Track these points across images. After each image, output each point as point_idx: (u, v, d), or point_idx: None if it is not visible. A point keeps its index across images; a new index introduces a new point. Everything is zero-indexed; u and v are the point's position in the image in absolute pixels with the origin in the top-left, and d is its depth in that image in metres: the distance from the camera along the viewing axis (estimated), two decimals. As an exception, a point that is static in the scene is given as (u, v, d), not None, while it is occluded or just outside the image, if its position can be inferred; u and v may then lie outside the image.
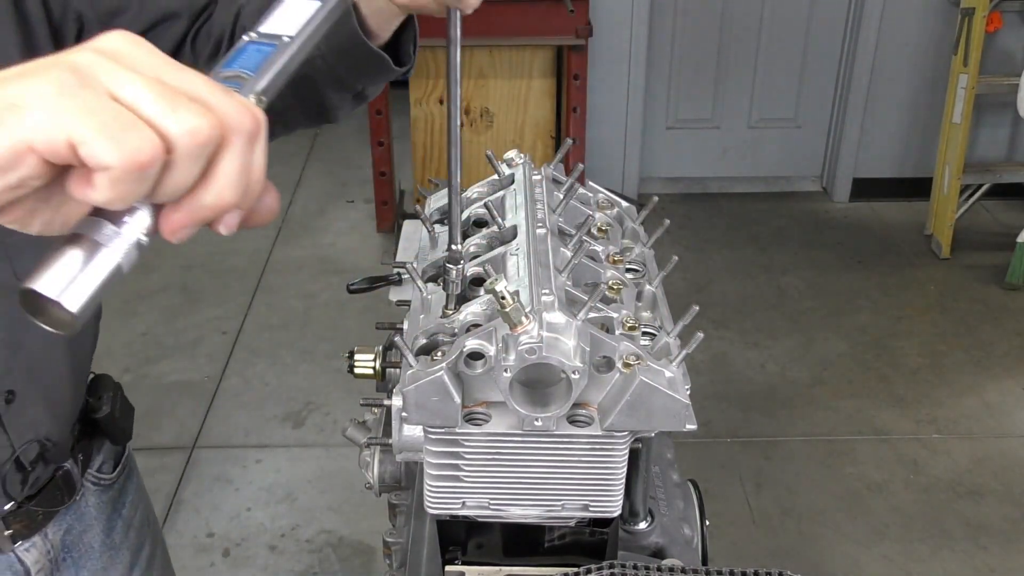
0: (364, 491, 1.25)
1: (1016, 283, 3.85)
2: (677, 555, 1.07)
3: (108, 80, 0.48)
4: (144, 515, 1.27)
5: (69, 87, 0.47)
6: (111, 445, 1.18)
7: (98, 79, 0.47)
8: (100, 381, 1.16)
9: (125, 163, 0.46)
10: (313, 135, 5.24)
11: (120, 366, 3.33)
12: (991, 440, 3.08)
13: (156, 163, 0.47)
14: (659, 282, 1.02)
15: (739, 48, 4.47)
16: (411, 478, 1.20)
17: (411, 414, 0.86)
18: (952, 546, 2.67)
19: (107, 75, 0.48)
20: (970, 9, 3.87)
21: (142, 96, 0.48)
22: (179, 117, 0.48)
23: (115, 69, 0.48)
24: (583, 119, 3.90)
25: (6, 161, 0.46)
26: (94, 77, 0.47)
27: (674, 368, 0.87)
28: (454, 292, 0.94)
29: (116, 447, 1.20)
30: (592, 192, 1.16)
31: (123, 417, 1.17)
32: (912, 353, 3.50)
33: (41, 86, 0.47)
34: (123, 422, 1.17)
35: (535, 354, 0.82)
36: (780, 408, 3.22)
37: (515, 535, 0.99)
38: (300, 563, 2.62)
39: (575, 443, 0.89)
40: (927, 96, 4.41)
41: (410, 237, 1.49)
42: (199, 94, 0.49)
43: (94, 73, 0.48)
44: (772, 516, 2.77)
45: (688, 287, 3.83)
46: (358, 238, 4.28)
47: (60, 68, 0.47)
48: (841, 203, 4.59)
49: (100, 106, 0.47)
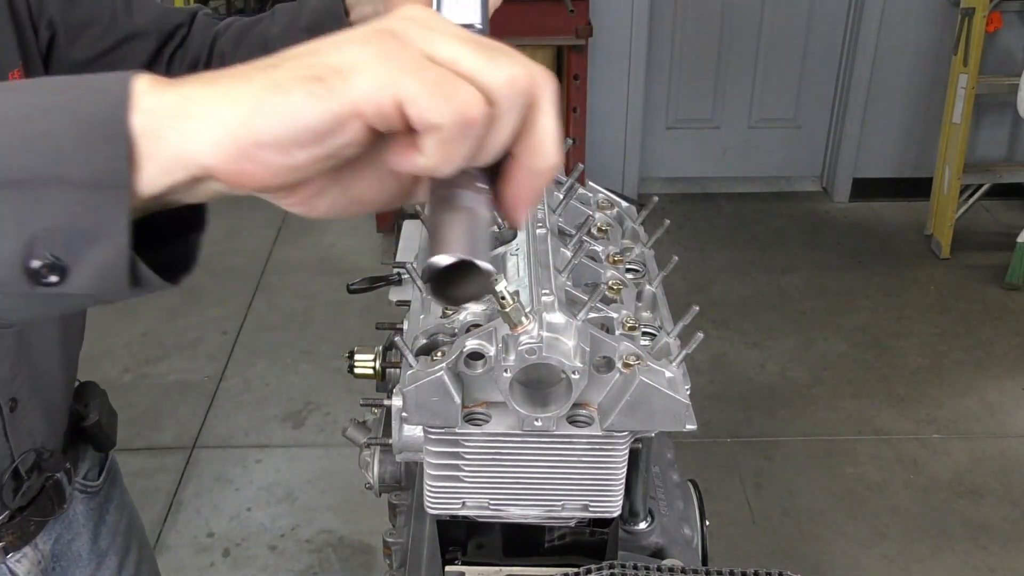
0: (364, 491, 1.25)
1: (1016, 283, 3.85)
2: (677, 555, 1.07)
3: (423, 42, 0.47)
4: (129, 519, 1.28)
5: (390, 50, 0.46)
6: (95, 452, 1.18)
7: (414, 42, 0.47)
8: (86, 388, 1.16)
9: (456, 120, 0.46)
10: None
11: (120, 366, 3.33)
12: (991, 440, 3.08)
13: (484, 118, 0.47)
14: (659, 282, 1.02)
15: (739, 48, 4.47)
16: (411, 478, 1.20)
17: (411, 414, 0.86)
18: (952, 546, 2.67)
19: (421, 38, 0.47)
20: (970, 9, 3.87)
21: (459, 53, 0.47)
22: (497, 69, 0.47)
23: (427, 32, 0.48)
24: (583, 119, 3.90)
25: (331, 126, 0.45)
26: (410, 40, 0.47)
27: (674, 368, 0.87)
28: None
29: (100, 454, 1.20)
30: (592, 192, 1.16)
31: (109, 424, 1.17)
32: (912, 353, 3.50)
33: (363, 51, 0.46)
34: (108, 429, 1.17)
35: (535, 354, 0.82)
36: (780, 408, 3.22)
37: (515, 535, 0.99)
38: (300, 563, 2.62)
39: (575, 443, 0.89)
40: (927, 96, 4.41)
41: (410, 237, 1.49)
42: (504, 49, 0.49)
43: (409, 36, 0.47)
44: (772, 516, 2.77)
45: (688, 287, 3.83)
46: (358, 238, 4.28)
47: (378, 34, 0.47)
48: (841, 203, 4.59)
49: (422, 66, 0.46)
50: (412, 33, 0.47)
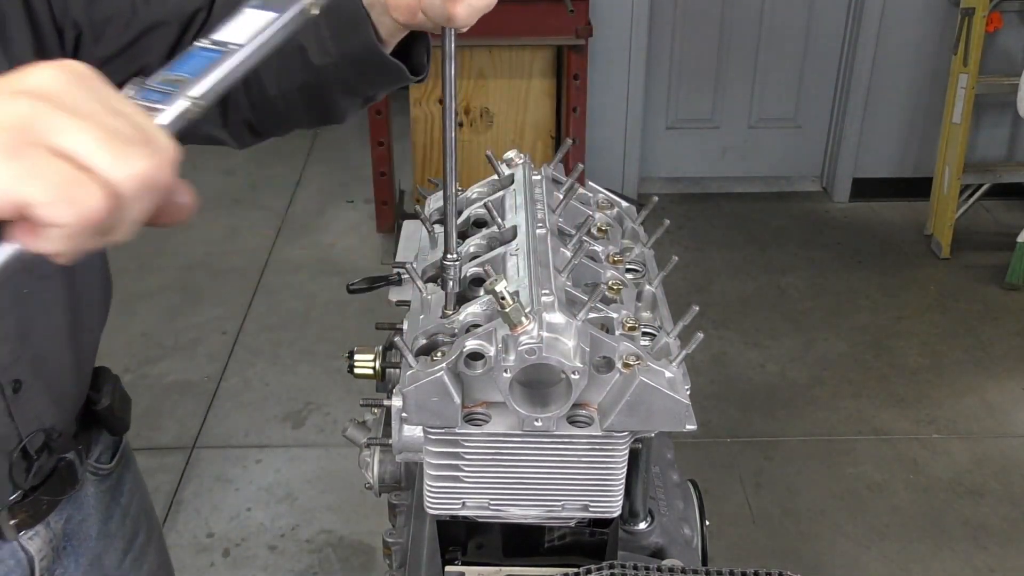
0: (364, 491, 1.25)
1: (1016, 283, 3.85)
2: (677, 555, 1.07)
3: (48, 132, 0.48)
4: (140, 505, 1.29)
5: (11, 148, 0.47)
6: (109, 436, 1.20)
7: (38, 133, 0.48)
8: (100, 373, 1.17)
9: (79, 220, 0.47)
10: (313, 135, 5.24)
11: (120, 366, 3.31)
12: (991, 440, 3.08)
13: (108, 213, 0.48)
14: (659, 282, 1.02)
15: (739, 48, 4.47)
16: (411, 478, 1.20)
17: (411, 414, 0.86)
18: (952, 546, 2.67)
19: (46, 126, 0.48)
20: (970, 9, 3.87)
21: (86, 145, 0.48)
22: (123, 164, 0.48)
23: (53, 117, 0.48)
24: (583, 119, 3.89)
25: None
26: (34, 131, 0.47)
27: (674, 368, 0.88)
28: (453, 292, 0.94)
29: (114, 438, 1.22)
30: (592, 192, 1.16)
31: (122, 409, 1.19)
32: (912, 353, 3.50)
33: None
34: (122, 413, 1.19)
35: (535, 354, 0.83)
36: (780, 408, 3.22)
37: (515, 535, 0.99)
38: (300, 563, 2.62)
39: (575, 443, 0.89)
40: (927, 96, 4.41)
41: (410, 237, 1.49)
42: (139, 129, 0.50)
43: (34, 126, 0.48)
44: (772, 516, 2.77)
45: (688, 287, 3.83)
46: (358, 238, 4.28)
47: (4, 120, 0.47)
48: (841, 203, 4.59)
49: (45, 166, 0.47)
50: (38, 120, 0.48)
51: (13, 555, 1.06)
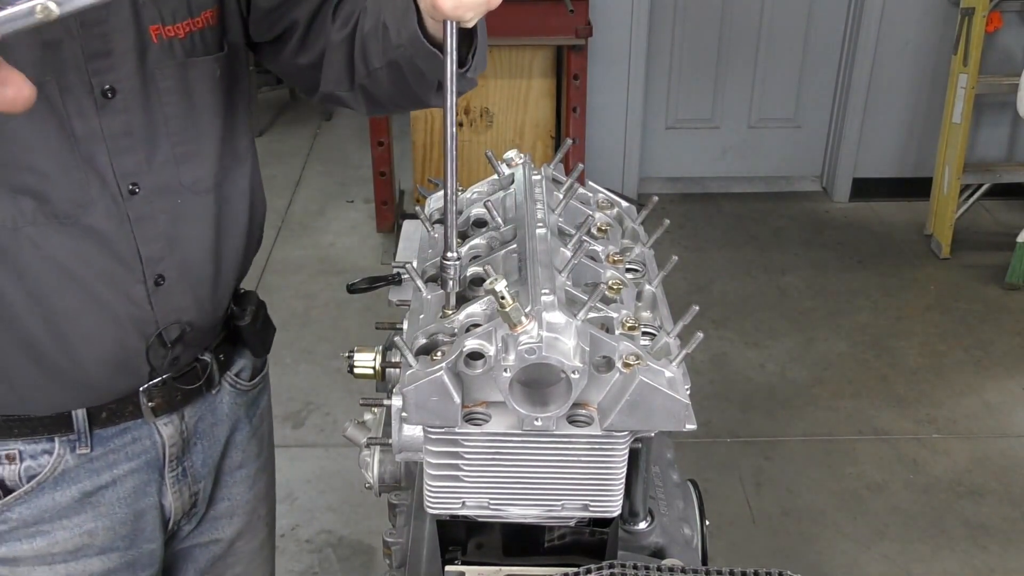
0: (364, 491, 1.25)
1: (1016, 283, 3.85)
2: (677, 555, 1.07)
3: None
4: (267, 430, 1.42)
5: None
6: (251, 356, 1.32)
7: None
8: (246, 296, 1.30)
9: None
10: (313, 135, 5.24)
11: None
12: (991, 440, 3.08)
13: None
14: (659, 282, 1.02)
15: (739, 48, 4.47)
16: (411, 478, 1.20)
17: (411, 414, 0.86)
18: (952, 546, 2.67)
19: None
20: (970, 9, 3.87)
21: None
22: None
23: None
24: (583, 119, 3.90)
25: None
26: None
27: (674, 368, 0.88)
28: (453, 292, 0.94)
29: (256, 360, 1.34)
30: (592, 192, 1.16)
31: (263, 331, 1.31)
32: (912, 353, 3.50)
33: None
34: (263, 335, 1.31)
35: (535, 354, 0.83)
36: (780, 408, 3.21)
37: (515, 535, 0.99)
38: (300, 563, 2.62)
39: (575, 443, 0.89)
40: (927, 96, 4.41)
41: (410, 237, 1.49)
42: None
43: None
44: (772, 516, 2.77)
45: (688, 287, 3.83)
46: (358, 238, 4.28)
47: None
48: (841, 203, 4.59)
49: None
50: None
51: (150, 436, 1.18)
